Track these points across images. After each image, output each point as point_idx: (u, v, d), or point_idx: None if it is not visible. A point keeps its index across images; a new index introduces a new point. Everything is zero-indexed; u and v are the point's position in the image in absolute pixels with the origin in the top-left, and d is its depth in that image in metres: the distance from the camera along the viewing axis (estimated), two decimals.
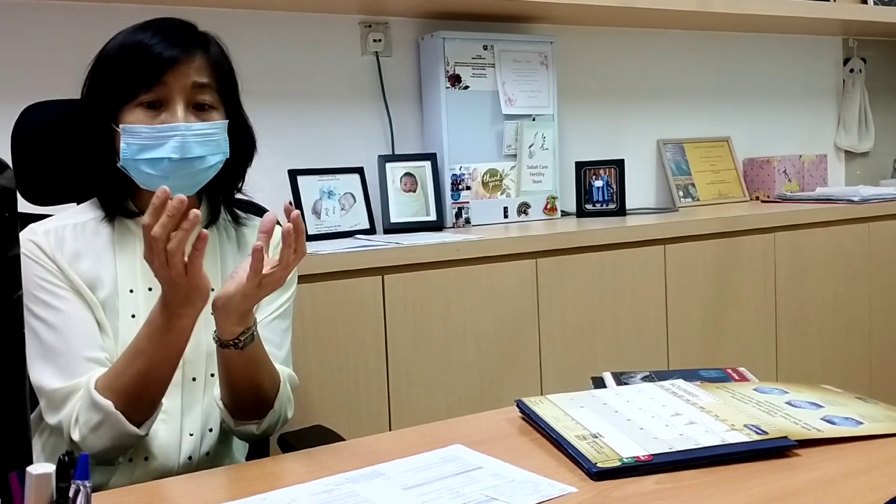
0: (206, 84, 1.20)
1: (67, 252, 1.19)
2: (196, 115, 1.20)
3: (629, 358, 2.21)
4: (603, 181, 2.59)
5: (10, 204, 0.66)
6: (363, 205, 2.28)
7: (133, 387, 1.09)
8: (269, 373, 1.19)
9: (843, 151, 3.37)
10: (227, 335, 1.11)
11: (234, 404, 1.19)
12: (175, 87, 1.17)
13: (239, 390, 1.17)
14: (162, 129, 1.16)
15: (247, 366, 1.14)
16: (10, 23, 1.96)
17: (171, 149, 1.16)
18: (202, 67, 1.20)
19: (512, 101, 2.45)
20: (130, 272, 1.21)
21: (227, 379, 1.16)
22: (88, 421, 1.09)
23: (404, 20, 2.43)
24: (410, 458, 0.96)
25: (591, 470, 0.90)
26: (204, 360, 1.22)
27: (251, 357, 1.14)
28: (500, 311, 2.04)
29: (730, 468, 0.91)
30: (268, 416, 1.19)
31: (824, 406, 1.07)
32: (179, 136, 1.16)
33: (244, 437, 1.23)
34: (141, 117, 1.17)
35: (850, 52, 3.32)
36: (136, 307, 1.20)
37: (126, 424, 1.09)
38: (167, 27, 1.21)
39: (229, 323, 1.10)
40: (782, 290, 2.49)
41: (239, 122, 1.28)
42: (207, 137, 1.19)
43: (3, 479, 0.63)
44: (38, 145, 1.35)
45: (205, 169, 1.20)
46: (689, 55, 2.96)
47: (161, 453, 1.19)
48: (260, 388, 1.18)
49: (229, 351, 1.12)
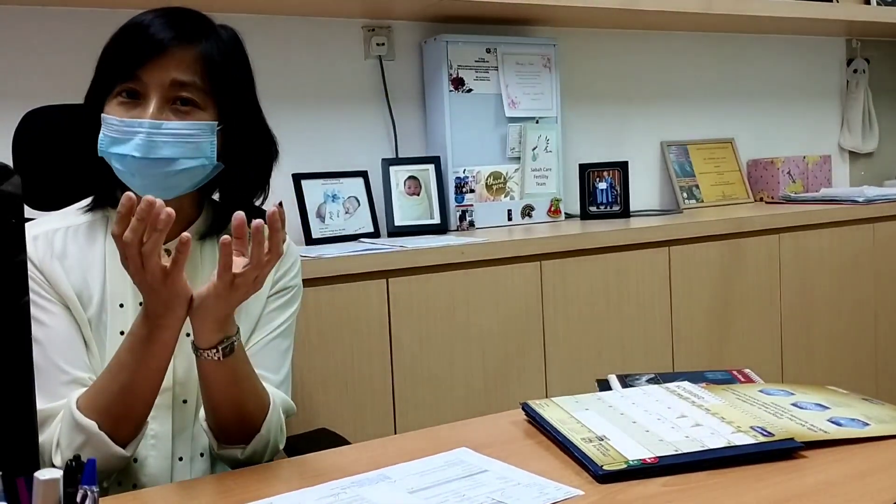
0: (187, 82, 1.11)
1: (56, 261, 1.14)
2: (176, 114, 1.11)
3: (634, 360, 2.21)
4: (607, 183, 2.59)
5: (17, 210, 0.67)
6: (367, 208, 2.28)
7: (116, 404, 1.04)
8: (254, 392, 1.10)
9: (848, 152, 3.36)
10: (203, 342, 1.04)
11: (216, 425, 1.11)
12: (150, 82, 1.10)
13: (220, 409, 1.09)
14: (129, 123, 1.10)
15: (228, 381, 1.07)
16: (12, 28, 1.97)
17: (133, 146, 1.09)
18: (188, 64, 1.11)
19: (515, 103, 2.45)
20: (121, 286, 1.15)
21: (208, 395, 1.09)
22: (72, 443, 1.04)
23: (407, 24, 2.43)
24: (416, 461, 0.96)
25: (597, 472, 0.89)
26: (196, 382, 1.12)
27: (232, 371, 1.06)
28: (505, 314, 2.04)
29: (736, 470, 0.91)
30: (253, 441, 1.10)
31: (830, 407, 1.07)
32: (144, 134, 1.09)
33: (228, 462, 1.14)
34: (117, 109, 1.11)
35: (854, 52, 3.32)
36: (126, 323, 1.13)
37: (111, 445, 1.04)
38: (166, 13, 1.14)
39: (205, 329, 1.03)
40: (787, 292, 2.48)
41: (249, 126, 1.20)
42: (181, 138, 1.10)
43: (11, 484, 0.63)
44: (39, 150, 1.35)
45: (177, 172, 1.12)
46: (693, 57, 2.96)
47: (150, 481, 1.14)
48: (243, 409, 1.09)
49: (208, 362, 1.05)
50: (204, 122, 1.13)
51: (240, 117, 1.18)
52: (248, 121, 1.20)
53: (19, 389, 0.67)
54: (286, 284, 1.25)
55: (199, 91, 1.13)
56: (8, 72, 1.96)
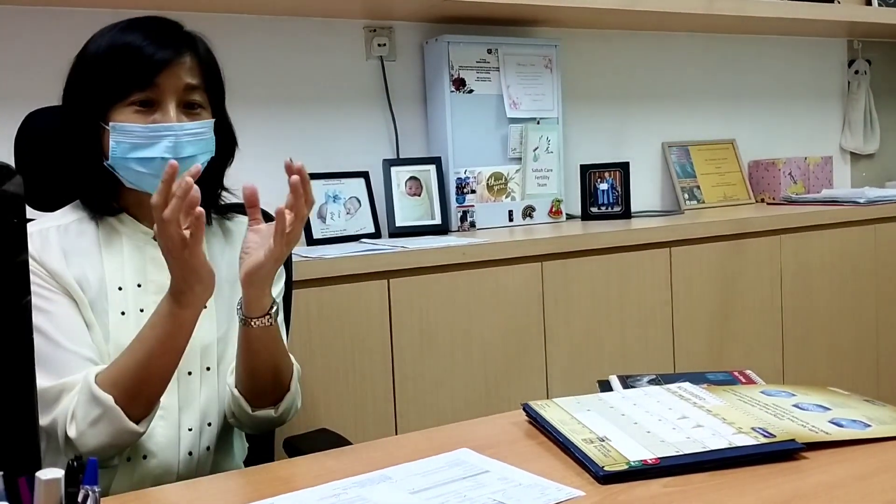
0: (196, 85, 1.22)
1: (53, 253, 1.18)
2: (186, 115, 1.21)
3: (635, 361, 2.20)
4: (608, 184, 2.59)
5: (19, 210, 0.67)
6: (368, 209, 2.28)
7: (133, 380, 1.09)
8: (285, 352, 1.22)
9: (849, 153, 3.36)
10: (258, 310, 1.14)
11: (253, 388, 1.20)
12: (168, 88, 1.19)
13: (261, 372, 1.19)
14: (156, 128, 1.18)
15: (272, 343, 1.17)
16: (14, 28, 1.97)
17: (164, 148, 1.17)
18: (193, 68, 1.21)
19: (516, 104, 2.45)
20: (118, 269, 1.21)
21: (251, 361, 1.18)
22: (87, 415, 1.08)
23: (409, 24, 2.43)
24: (417, 462, 0.96)
25: (598, 473, 0.89)
26: (199, 354, 1.22)
27: (276, 334, 1.17)
28: (506, 315, 2.04)
29: (737, 471, 0.90)
30: (285, 399, 1.21)
31: (832, 409, 1.07)
32: (173, 137, 1.18)
33: (261, 423, 1.23)
34: (133, 117, 1.18)
35: (855, 53, 3.32)
36: (126, 304, 1.20)
37: (125, 420, 1.08)
38: (155, 28, 1.22)
39: (262, 294, 1.13)
40: (788, 293, 2.48)
41: (223, 121, 1.29)
42: (197, 137, 1.21)
43: (13, 484, 0.63)
44: (40, 151, 1.35)
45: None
46: (694, 58, 2.96)
47: (160, 451, 1.19)
48: (279, 369, 1.20)
49: (258, 329, 1.14)
50: (209, 121, 1.24)
51: (223, 114, 1.30)
52: (225, 117, 1.31)
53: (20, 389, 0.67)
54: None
55: (203, 92, 1.24)
56: (10, 72, 1.96)
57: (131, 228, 1.24)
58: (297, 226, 1.10)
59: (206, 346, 1.23)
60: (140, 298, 1.20)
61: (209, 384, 1.23)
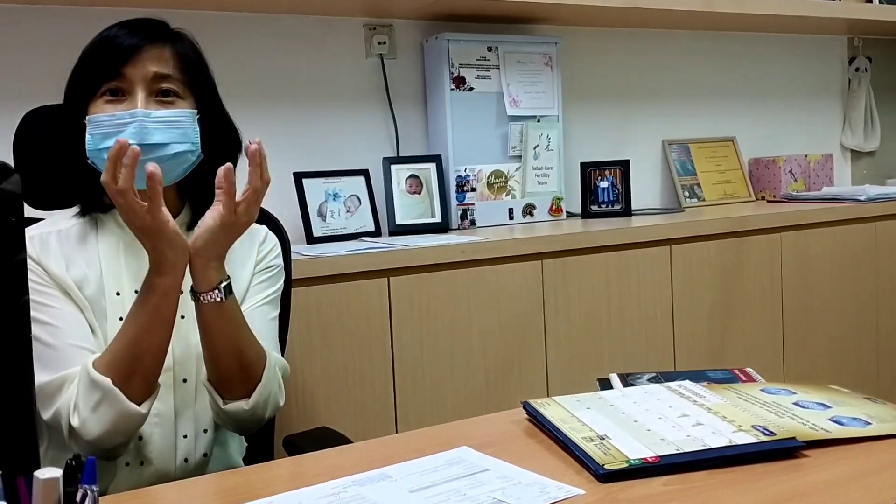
0: (168, 74, 1.21)
1: (53, 257, 1.19)
2: (160, 105, 1.20)
3: (635, 359, 2.20)
4: (608, 182, 2.59)
5: (17, 209, 0.67)
6: (368, 207, 2.28)
7: (127, 359, 1.10)
8: (251, 341, 1.19)
9: (849, 151, 3.36)
10: (205, 285, 1.13)
11: (219, 377, 1.18)
12: (135, 76, 1.19)
13: (222, 358, 1.17)
14: (121, 115, 1.18)
15: (228, 325, 1.15)
16: (13, 27, 1.97)
17: (129, 134, 1.16)
18: (166, 58, 1.21)
19: (517, 102, 2.44)
20: (116, 275, 1.22)
21: (210, 344, 1.16)
22: (88, 401, 1.09)
23: (408, 22, 2.43)
24: (417, 460, 0.96)
25: (598, 472, 0.89)
26: (194, 361, 1.22)
27: (232, 315, 1.16)
28: (506, 313, 2.04)
29: (737, 469, 0.90)
30: (256, 392, 1.18)
31: (832, 406, 1.07)
32: (137, 122, 1.17)
33: (237, 420, 1.20)
34: (105, 107, 1.19)
35: (856, 51, 3.31)
36: (124, 309, 1.19)
37: (125, 401, 1.09)
38: (134, 22, 1.23)
39: (209, 268, 1.12)
40: (789, 290, 2.48)
41: (220, 120, 1.28)
42: (169, 125, 1.19)
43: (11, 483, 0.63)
44: (39, 150, 1.35)
45: (169, 157, 1.19)
46: (694, 55, 2.96)
47: (157, 457, 1.20)
48: (244, 357, 1.17)
49: (210, 307, 1.13)
50: (187, 110, 1.22)
51: (213, 109, 1.27)
52: (219, 114, 1.29)
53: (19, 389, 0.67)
54: (269, 263, 1.34)
55: (179, 83, 1.22)
56: (9, 71, 1.96)
57: (129, 234, 1.23)
58: (250, 195, 1.11)
59: (201, 354, 1.22)
60: None
61: (204, 391, 1.22)
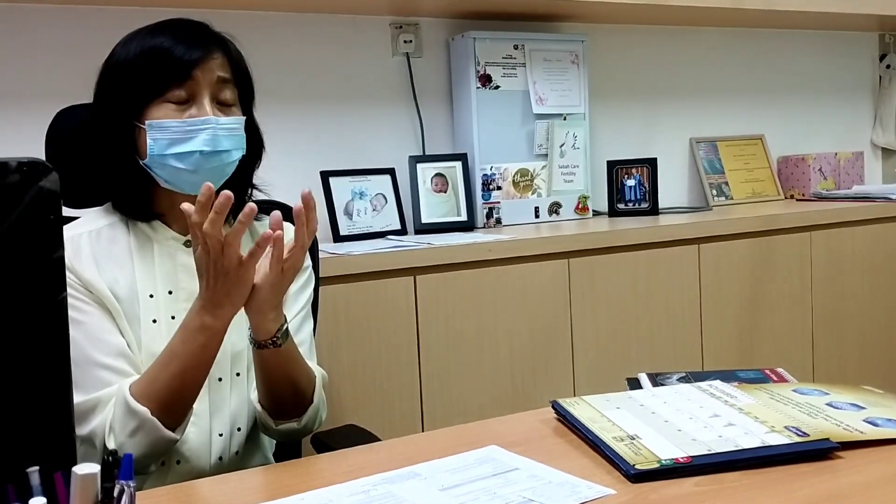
0: (228, 79, 1.22)
1: (85, 261, 1.18)
2: (220, 111, 1.21)
3: (663, 358, 2.19)
4: (635, 180, 2.57)
5: (55, 206, 0.67)
6: (394, 205, 2.28)
7: (167, 392, 1.10)
8: (304, 369, 1.20)
9: (881, 149, 3.32)
10: (263, 334, 1.12)
11: (273, 404, 1.20)
12: (203, 82, 1.19)
13: (278, 390, 1.18)
14: (193, 122, 1.18)
15: (285, 363, 1.16)
16: (45, 27, 1.99)
17: (202, 142, 1.17)
18: (224, 64, 1.22)
19: (543, 100, 2.44)
20: (149, 277, 1.21)
21: (266, 379, 1.17)
22: (125, 427, 1.10)
23: (435, 20, 2.43)
24: (446, 458, 0.96)
25: (629, 472, 0.89)
26: (229, 360, 1.22)
27: (288, 354, 1.15)
28: (533, 312, 2.04)
29: (770, 470, 0.89)
30: (308, 412, 1.20)
31: (866, 407, 1.05)
32: (211, 129, 1.18)
33: (286, 435, 1.23)
34: (169, 113, 1.18)
35: (887, 47, 3.27)
36: (157, 312, 1.20)
37: (162, 430, 1.10)
38: (184, 29, 1.22)
39: (266, 320, 1.11)
40: (818, 290, 2.45)
41: (251, 121, 1.30)
42: (232, 132, 1.21)
43: (49, 479, 0.64)
44: (71, 148, 1.36)
45: (230, 163, 1.22)
46: (722, 53, 2.93)
47: (192, 456, 1.20)
48: (297, 385, 1.19)
49: (267, 351, 1.13)
50: (242, 118, 1.24)
51: (251, 114, 1.30)
52: (253, 118, 1.31)
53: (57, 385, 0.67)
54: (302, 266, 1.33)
55: (234, 88, 1.24)
56: (40, 70, 1.99)
57: (162, 234, 1.24)
58: (296, 252, 1.09)
59: (237, 352, 1.23)
60: (171, 306, 1.21)
61: (239, 390, 1.23)
